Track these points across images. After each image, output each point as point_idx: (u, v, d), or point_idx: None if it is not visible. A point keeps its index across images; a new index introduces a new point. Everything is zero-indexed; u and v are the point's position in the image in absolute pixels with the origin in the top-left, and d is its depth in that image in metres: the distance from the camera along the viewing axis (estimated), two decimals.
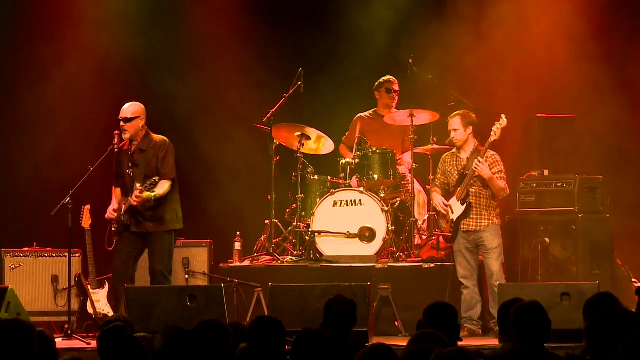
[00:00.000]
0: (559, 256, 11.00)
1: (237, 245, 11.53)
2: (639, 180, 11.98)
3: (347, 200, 11.27)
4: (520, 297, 6.75)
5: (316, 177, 11.59)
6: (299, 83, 11.67)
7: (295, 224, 11.46)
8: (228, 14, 12.97)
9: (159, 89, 12.67)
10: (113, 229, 10.34)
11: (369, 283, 9.70)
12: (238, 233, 11.59)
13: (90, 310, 10.94)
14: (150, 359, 5.79)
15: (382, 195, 11.37)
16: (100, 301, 10.90)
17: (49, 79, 12.52)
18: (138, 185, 10.08)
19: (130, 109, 10.27)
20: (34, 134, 12.57)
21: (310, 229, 11.22)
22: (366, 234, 11.19)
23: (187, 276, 11.48)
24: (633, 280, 11.18)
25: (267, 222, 11.57)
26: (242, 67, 12.89)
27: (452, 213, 10.56)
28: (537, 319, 5.93)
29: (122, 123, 10.24)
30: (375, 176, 11.38)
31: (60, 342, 9.68)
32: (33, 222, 12.04)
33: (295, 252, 11.39)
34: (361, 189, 11.30)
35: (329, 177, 11.64)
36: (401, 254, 11.14)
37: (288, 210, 11.61)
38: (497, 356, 5.00)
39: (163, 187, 10.17)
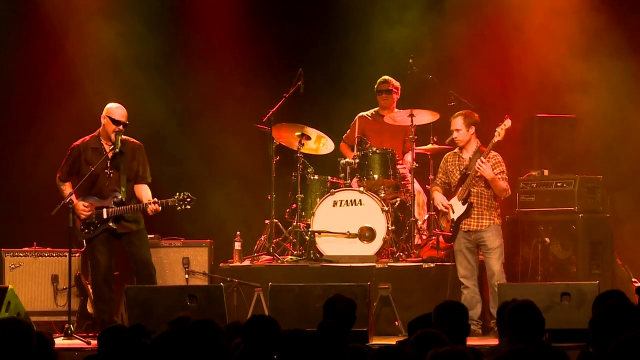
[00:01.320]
0: (559, 256, 10.99)
1: (237, 245, 11.53)
2: (639, 180, 11.98)
3: (347, 200, 11.27)
4: (519, 298, 6.75)
5: (316, 177, 11.59)
6: (299, 83, 11.67)
7: (295, 223, 11.46)
8: (228, 14, 12.97)
9: (159, 89, 12.67)
10: (87, 230, 10.34)
11: (369, 283, 9.71)
12: (238, 233, 11.59)
13: (90, 310, 10.94)
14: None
15: (382, 195, 11.36)
16: None
17: (49, 79, 12.52)
18: (155, 199, 10.21)
19: (125, 112, 10.34)
20: (34, 134, 12.57)
21: (310, 229, 11.22)
22: (366, 234, 11.19)
23: (187, 276, 11.46)
24: (633, 280, 11.19)
25: (267, 221, 11.57)
26: (242, 67, 12.89)
27: (453, 213, 10.56)
28: (530, 318, 5.94)
29: (121, 127, 10.28)
30: (375, 176, 11.37)
31: (60, 342, 9.68)
32: (33, 222, 12.04)
33: (295, 252, 11.39)
34: (361, 188, 11.30)
35: (329, 177, 11.64)
36: (401, 254, 11.14)
37: (288, 210, 11.60)
38: (499, 357, 5.01)
39: (149, 191, 10.37)
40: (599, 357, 4.84)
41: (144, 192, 10.40)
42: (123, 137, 10.42)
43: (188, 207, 10.21)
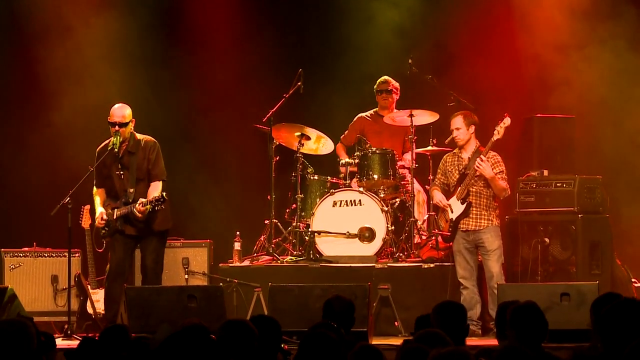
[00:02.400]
0: (558, 256, 10.99)
1: (237, 245, 11.52)
2: (638, 180, 11.97)
3: (346, 201, 11.27)
4: (518, 299, 6.75)
5: (316, 177, 11.59)
6: (299, 83, 11.67)
7: (294, 224, 11.45)
8: (228, 14, 12.97)
9: (159, 89, 12.67)
10: (103, 231, 10.36)
11: (368, 283, 9.71)
12: (238, 233, 11.58)
13: (90, 310, 10.95)
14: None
15: (382, 195, 11.36)
16: (100, 301, 10.90)
17: (47, 79, 12.51)
18: (142, 199, 10.14)
19: (124, 112, 10.32)
20: (33, 133, 12.55)
21: (309, 229, 11.22)
22: (366, 234, 11.19)
23: (186, 276, 11.47)
24: (633, 280, 11.18)
25: (266, 222, 11.56)
26: (243, 67, 12.89)
27: (452, 212, 10.56)
28: (533, 319, 5.94)
29: (117, 127, 10.27)
30: (375, 176, 11.37)
31: (60, 343, 9.67)
32: (33, 222, 12.04)
33: (295, 252, 11.39)
34: (361, 189, 11.30)
35: (328, 177, 11.64)
36: (401, 254, 11.13)
37: (288, 210, 11.60)
38: (496, 356, 5.01)
39: (158, 189, 10.25)
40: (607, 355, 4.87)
41: (152, 191, 10.32)
42: (139, 135, 10.41)
43: (162, 207, 10.14)
